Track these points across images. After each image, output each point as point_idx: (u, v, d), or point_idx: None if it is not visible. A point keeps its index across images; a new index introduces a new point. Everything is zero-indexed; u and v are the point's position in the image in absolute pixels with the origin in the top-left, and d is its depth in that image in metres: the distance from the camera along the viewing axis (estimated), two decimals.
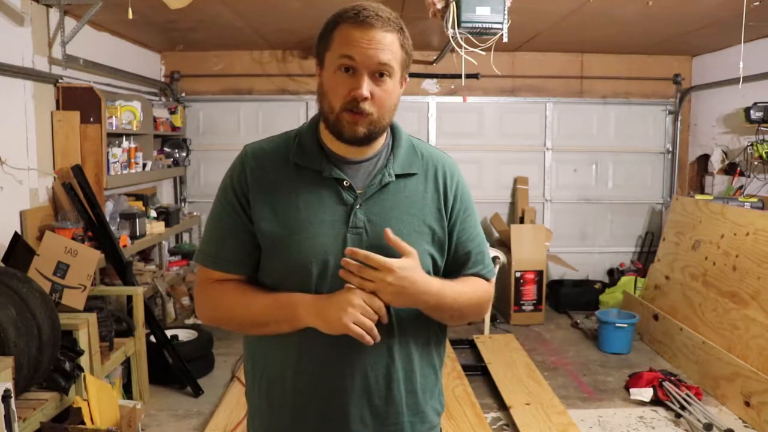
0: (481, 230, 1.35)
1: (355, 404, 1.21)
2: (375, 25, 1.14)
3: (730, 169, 5.18)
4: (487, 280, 1.34)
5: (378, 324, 1.15)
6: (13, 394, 2.17)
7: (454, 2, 3.28)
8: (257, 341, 1.28)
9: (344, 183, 1.21)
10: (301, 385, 1.22)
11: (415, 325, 1.24)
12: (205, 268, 1.27)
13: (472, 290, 1.28)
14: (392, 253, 1.16)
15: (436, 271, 1.27)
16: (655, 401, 3.63)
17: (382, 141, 1.27)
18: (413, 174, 1.26)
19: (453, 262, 1.29)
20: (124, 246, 3.94)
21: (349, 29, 1.15)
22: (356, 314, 1.11)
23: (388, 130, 1.29)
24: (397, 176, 1.24)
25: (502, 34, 3.40)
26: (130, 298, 3.72)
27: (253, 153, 1.26)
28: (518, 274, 5.21)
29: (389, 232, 1.14)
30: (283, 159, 1.24)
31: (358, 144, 1.21)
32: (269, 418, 1.27)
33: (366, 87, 1.14)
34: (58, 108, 3.79)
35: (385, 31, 1.15)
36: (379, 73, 1.15)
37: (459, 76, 3.95)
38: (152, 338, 3.81)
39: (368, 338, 1.12)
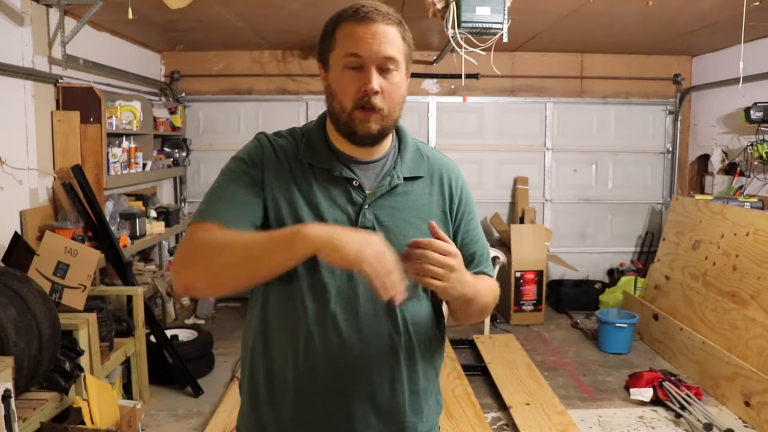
0: (482, 231, 1.38)
1: (358, 404, 1.20)
2: (376, 20, 1.14)
3: (730, 169, 5.18)
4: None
5: (384, 322, 1.15)
6: (13, 394, 2.17)
7: (454, 2, 3.28)
8: (259, 335, 1.25)
9: (354, 183, 1.22)
10: (304, 384, 1.21)
11: (419, 327, 1.24)
12: (204, 222, 1.14)
13: (488, 286, 1.31)
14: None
15: None
16: (655, 401, 3.63)
17: (390, 142, 1.28)
18: (419, 177, 1.28)
19: None
20: (124, 246, 3.94)
21: (351, 27, 1.15)
22: (377, 259, 0.99)
23: (394, 132, 1.30)
24: (405, 179, 1.25)
25: (502, 34, 3.40)
26: (130, 298, 3.72)
27: (269, 140, 1.25)
28: (518, 274, 5.21)
29: (434, 224, 1.09)
30: (294, 155, 1.24)
31: (371, 142, 1.21)
32: (267, 414, 1.25)
33: (375, 81, 1.14)
34: (58, 108, 3.79)
35: (387, 24, 1.15)
36: (386, 67, 1.16)
37: (459, 76, 3.95)
38: (152, 338, 3.81)
39: (383, 293, 0.99)
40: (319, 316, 1.18)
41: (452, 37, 3.35)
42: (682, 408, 3.45)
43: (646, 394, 3.66)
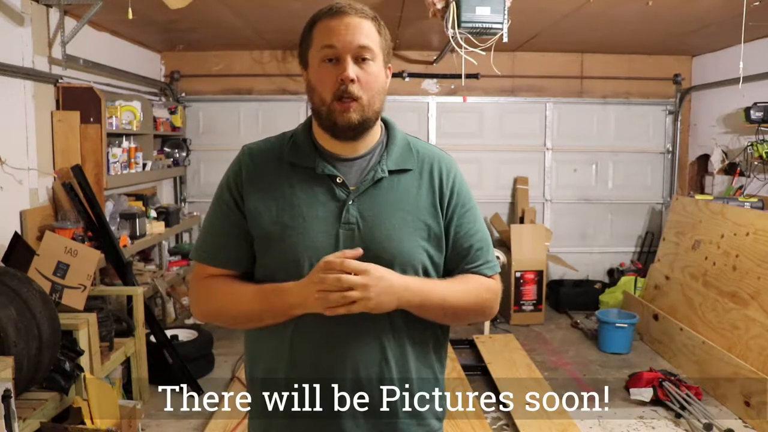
0: (484, 226, 1.33)
1: (348, 404, 1.21)
2: (349, 13, 1.19)
3: (730, 169, 5.18)
4: (489, 276, 1.30)
5: (372, 320, 1.16)
6: (13, 394, 2.17)
7: (454, 2, 3.28)
8: (255, 337, 1.29)
9: (337, 179, 1.23)
10: (294, 381, 1.22)
11: (410, 325, 1.24)
12: (200, 264, 1.29)
13: (469, 288, 1.26)
14: (386, 247, 1.18)
15: (435, 267, 1.26)
16: (655, 401, 3.63)
17: (376, 138, 1.28)
18: (407, 170, 1.27)
19: (452, 259, 1.28)
20: (124, 246, 3.94)
21: (326, 23, 1.20)
22: (326, 296, 1.10)
23: (383, 127, 1.30)
24: (391, 172, 1.25)
25: (502, 34, 3.39)
26: (130, 298, 3.72)
27: (249, 152, 1.29)
28: (518, 274, 5.21)
29: (348, 253, 1.14)
30: (278, 158, 1.26)
31: (353, 134, 1.22)
32: (265, 414, 1.27)
33: (351, 69, 1.17)
34: (58, 108, 3.78)
35: (361, 18, 1.19)
36: (362, 57, 1.18)
37: (459, 76, 3.95)
38: (152, 338, 3.81)
39: (340, 310, 1.11)
40: (305, 315, 1.18)
41: (452, 37, 3.35)
42: (682, 408, 3.45)
43: (646, 394, 3.65)
